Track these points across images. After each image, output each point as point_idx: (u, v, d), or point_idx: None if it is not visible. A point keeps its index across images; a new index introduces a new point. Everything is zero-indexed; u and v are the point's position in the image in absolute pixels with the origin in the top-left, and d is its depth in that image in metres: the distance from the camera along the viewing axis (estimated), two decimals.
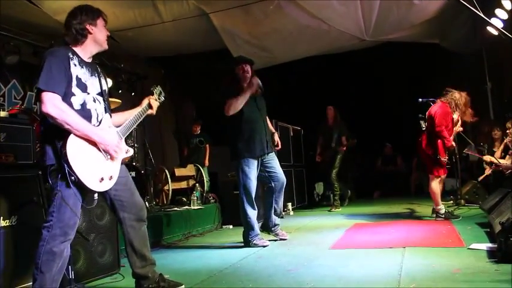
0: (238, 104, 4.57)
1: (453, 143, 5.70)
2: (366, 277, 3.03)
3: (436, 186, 5.58)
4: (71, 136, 2.53)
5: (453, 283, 2.73)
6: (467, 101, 5.62)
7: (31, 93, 6.29)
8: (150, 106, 3.10)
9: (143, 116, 3.06)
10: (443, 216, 5.53)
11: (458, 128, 5.95)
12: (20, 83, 6.15)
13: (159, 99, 3.21)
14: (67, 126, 2.52)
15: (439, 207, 5.61)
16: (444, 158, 5.56)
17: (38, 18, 5.61)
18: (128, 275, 3.47)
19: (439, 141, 5.53)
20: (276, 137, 5.06)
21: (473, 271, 2.97)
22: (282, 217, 6.48)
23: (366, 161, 10.96)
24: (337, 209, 7.72)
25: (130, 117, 3.00)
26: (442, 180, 5.79)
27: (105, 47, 2.89)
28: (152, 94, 3.19)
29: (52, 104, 2.50)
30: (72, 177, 2.49)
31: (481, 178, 6.98)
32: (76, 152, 2.53)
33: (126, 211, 2.93)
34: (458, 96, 5.60)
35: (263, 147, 4.73)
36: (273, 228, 4.92)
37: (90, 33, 2.78)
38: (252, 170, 4.67)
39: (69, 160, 2.48)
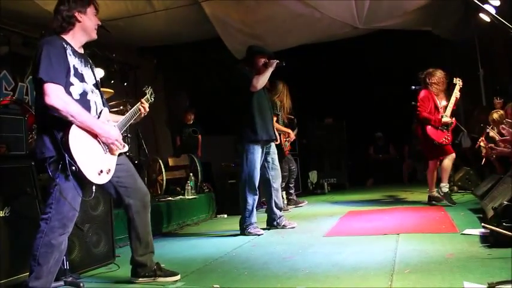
0: (265, 78, 4.66)
1: (445, 119, 5.54)
2: (360, 263, 3.05)
3: (448, 163, 5.55)
4: (73, 126, 2.51)
5: (447, 268, 2.76)
6: (437, 76, 5.59)
7: (22, 84, 6.23)
8: (139, 109, 3.08)
9: (135, 117, 3.05)
10: (442, 194, 5.54)
11: (457, 93, 5.67)
12: (10, 74, 6.08)
13: (150, 99, 3.21)
14: (71, 118, 2.50)
15: (443, 184, 5.57)
16: (443, 139, 5.50)
17: (28, 8, 5.54)
18: (123, 265, 3.48)
19: (427, 128, 5.52)
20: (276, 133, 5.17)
21: (467, 256, 3.00)
22: (287, 210, 6.44)
23: (358, 149, 11.01)
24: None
25: (124, 115, 3.01)
26: (437, 165, 5.77)
27: (94, 36, 2.84)
28: (145, 94, 3.19)
29: (56, 95, 2.47)
30: (73, 167, 2.47)
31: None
32: (77, 143, 2.51)
33: (131, 197, 2.93)
34: (429, 73, 5.61)
35: (269, 133, 4.80)
36: (278, 221, 4.90)
37: (79, 21, 2.71)
38: (257, 157, 4.69)
39: (71, 150, 2.47)
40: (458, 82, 5.68)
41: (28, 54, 5.88)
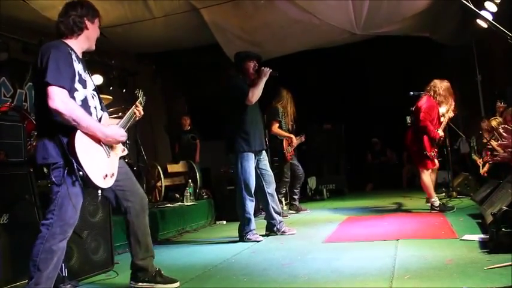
0: (259, 91, 4.66)
1: (441, 134, 5.61)
2: (360, 269, 3.05)
3: (427, 179, 5.59)
4: (78, 132, 2.53)
5: (446, 274, 2.75)
6: (447, 88, 5.57)
7: (21, 91, 6.23)
8: (134, 112, 3.12)
9: (131, 121, 3.08)
10: (437, 208, 5.52)
11: (450, 113, 5.74)
12: (9, 81, 6.09)
13: (142, 101, 3.25)
14: (74, 123, 2.50)
15: (433, 199, 5.61)
16: (432, 153, 5.53)
17: (27, 14, 5.55)
18: (121, 272, 3.47)
19: (424, 136, 5.52)
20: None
21: (466, 262, 2.99)
22: (286, 216, 6.44)
23: (358, 154, 11.03)
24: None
25: (122, 119, 3.03)
26: (434, 171, 5.80)
27: (93, 47, 2.90)
28: (137, 98, 3.22)
29: (60, 99, 2.48)
30: (81, 173, 2.48)
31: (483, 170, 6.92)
32: (83, 148, 2.53)
33: (130, 200, 2.93)
34: (438, 83, 5.59)
35: (262, 142, 4.83)
36: (278, 226, 4.88)
37: (87, 29, 2.78)
38: (251, 164, 4.71)
39: (78, 155, 2.47)
40: (452, 103, 5.69)
41: (27, 61, 5.88)
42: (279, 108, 6.66)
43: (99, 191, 2.69)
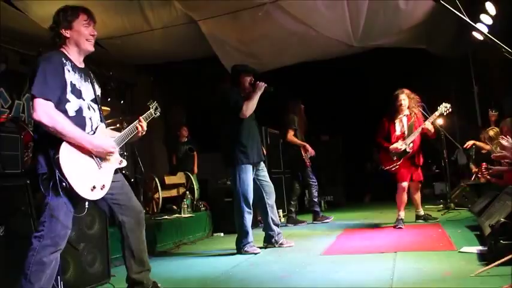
0: (253, 104, 4.69)
1: (395, 146, 5.51)
2: (358, 282, 3.03)
3: (398, 192, 5.58)
4: (64, 143, 2.51)
5: (445, 286, 2.74)
6: (396, 97, 5.70)
7: (19, 102, 6.23)
8: (136, 127, 3.02)
9: (131, 135, 3.00)
10: (396, 223, 5.49)
11: (427, 125, 5.45)
12: (7, 92, 6.08)
13: (154, 113, 3.20)
14: (59, 135, 2.50)
15: (399, 214, 5.57)
16: (389, 167, 5.54)
17: (25, 25, 5.56)
18: (118, 284, 3.44)
19: (380, 152, 5.71)
20: None
21: (464, 274, 2.98)
22: (329, 218, 6.84)
23: (356, 165, 11.02)
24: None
25: (121, 132, 2.98)
26: (417, 188, 5.80)
27: (89, 48, 2.78)
28: (148, 109, 3.18)
29: (43, 111, 2.47)
30: (64, 184, 2.46)
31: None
32: (68, 159, 2.51)
33: (125, 214, 2.90)
34: (396, 95, 5.73)
35: (260, 154, 4.86)
36: (276, 238, 4.86)
37: (67, 37, 2.71)
38: (249, 176, 4.72)
39: (61, 166, 2.46)
40: (428, 124, 5.48)
41: (25, 72, 5.89)
42: (294, 118, 6.97)
43: (86, 203, 2.65)
